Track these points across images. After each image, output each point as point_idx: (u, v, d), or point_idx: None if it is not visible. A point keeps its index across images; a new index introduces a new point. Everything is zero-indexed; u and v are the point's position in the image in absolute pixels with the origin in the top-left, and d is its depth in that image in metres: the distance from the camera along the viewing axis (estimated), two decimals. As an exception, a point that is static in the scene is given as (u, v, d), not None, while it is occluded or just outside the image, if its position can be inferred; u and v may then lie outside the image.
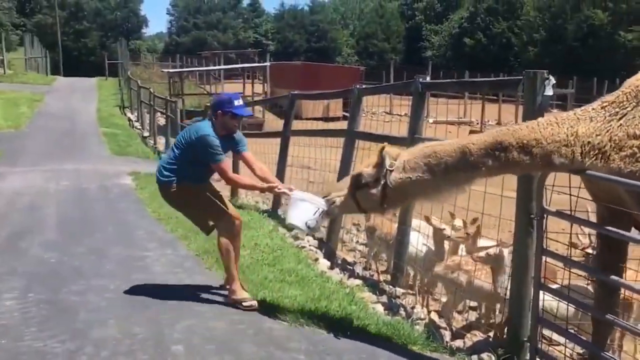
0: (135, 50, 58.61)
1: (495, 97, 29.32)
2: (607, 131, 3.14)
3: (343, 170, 6.79)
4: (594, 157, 3.14)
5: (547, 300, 3.88)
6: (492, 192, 4.60)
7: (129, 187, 10.53)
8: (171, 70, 32.67)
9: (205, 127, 4.50)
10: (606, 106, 3.22)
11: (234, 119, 4.55)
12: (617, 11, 43.14)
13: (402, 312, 4.99)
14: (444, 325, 4.79)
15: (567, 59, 42.74)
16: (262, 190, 4.71)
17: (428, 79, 5.50)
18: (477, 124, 26.77)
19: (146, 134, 20.50)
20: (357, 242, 8.29)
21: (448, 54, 56.55)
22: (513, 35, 50.87)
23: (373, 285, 5.72)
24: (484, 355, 3.97)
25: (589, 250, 4.42)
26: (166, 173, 4.60)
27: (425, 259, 5.43)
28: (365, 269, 6.71)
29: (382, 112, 25.56)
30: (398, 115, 22.38)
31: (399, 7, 69.15)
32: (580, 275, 4.10)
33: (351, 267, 6.52)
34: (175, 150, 4.63)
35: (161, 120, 20.51)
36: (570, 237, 4.05)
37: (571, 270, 3.81)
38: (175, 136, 15.62)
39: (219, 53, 42.90)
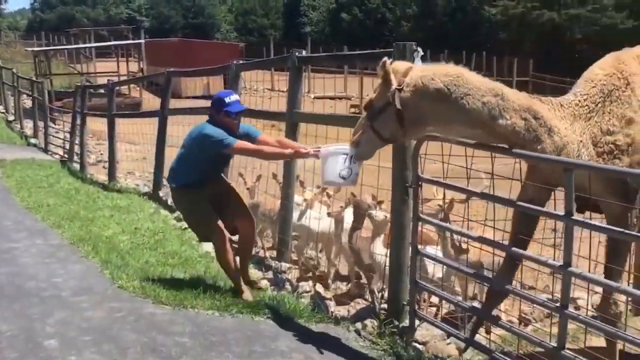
0: (-6, 27, 54.06)
1: (373, 72, 30.07)
2: (588, 129, 3.27)
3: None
4: (584, 154, 3.24)
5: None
6: (369, 163, 4.71)
7: (-7, 176, 9.74)
8: (36, 49, 30.53)
9: (207, 125, 4.45)
10: (584, 104, 3.30)
11: (229, 117, 4.42)
12: (482, -13, 45.51)
13: (288, 286, 5.02)
14: (329, 296, 4.87)
15: (438, 33, 44.63)
16: (289, 156, 4.49)
17: (304, 53, 5.49)
18: (357, 98, 27.35)
19: (11, 117, 19.13)
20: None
21: (326, 30, 57.17)
22: (387, 10, 52.28)
23: (259, 262, 5.70)
24: (367, 321, 4.08)
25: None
26: (173, 175, 4.62)
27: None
28: (251, 246, 6.65)
29: (264, 89, 25.46)
30: (280, 91, 22.37)
31: (276, -17, 68.77)
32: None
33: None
34: (182, 152, 4.61)
35: (27, 103, 19.16)
36: (444, 202, 4.24)
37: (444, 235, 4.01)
38: (45, 119, 14.78)
39: (88, 30, 40.66)
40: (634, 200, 3.28)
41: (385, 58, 3.32)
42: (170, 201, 8.38)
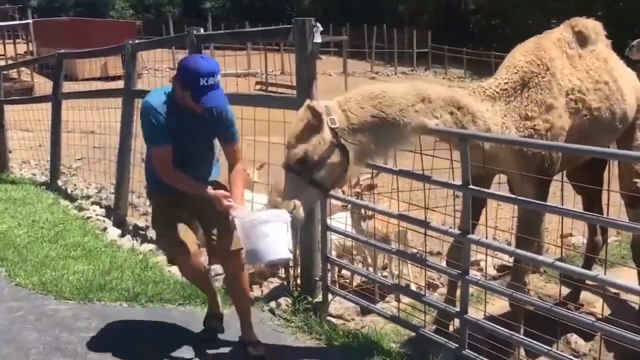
0: None
1: (277, 47, 29.85)
2: (509, 112, 3.36)
3: (124, 132, 6.43)
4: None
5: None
6: (276, 141, 4.68)
7: None
8: None
9: (152, 94, 3.24)
10: (505, 88, 3.39)
11: (195, 102, 3.07)
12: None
13: (199, 270, 4.93)
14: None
15: (339, 7, 44.86)
16: (206, 196, 3.15)
17: (202, 30, 5.34)
18: (262, 74, 27.08)
19: None
20: (149, 204, 7.97)
21: (227, 5, 55.94)
22: (288, -15, 51.90)
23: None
24: (281, 300, 4.09)
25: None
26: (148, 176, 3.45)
27: None
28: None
29: (166, 68, 24.67)
30: (182, 70, 21.73)
31: (172, -43, 66.37)
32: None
33: (144, 232, 6.26)
34: None
35: None
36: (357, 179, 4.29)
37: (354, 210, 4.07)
38: None
39: (-32, 10, 37.57)
40: (545, 190, 3.44)
41: (308, 101, 3.06)
42: (70, 189, 8.02)
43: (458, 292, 3.38)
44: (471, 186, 3.02)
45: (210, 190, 3.20)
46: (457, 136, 3.08)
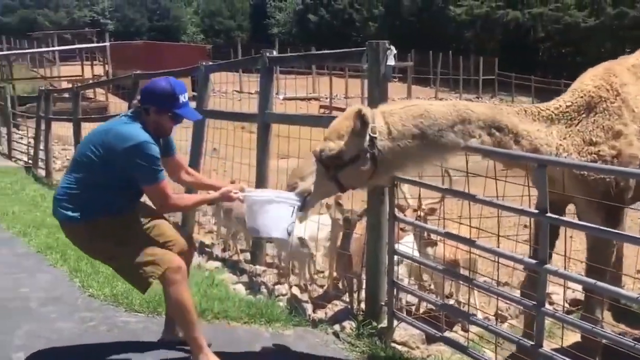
0: (-48, 32, 52.54)
1: (341, 72, 30.11)
2: (570, 135, 3.29)
3: (195, 151, 6.58)
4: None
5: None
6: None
7: (-47, 184, 9.45)
8: (-3, 53, 29.78)
9: (136, 131, 3.07)
10: (566, 110, 3.33)
11: (173, 121, 3.21)
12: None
13: (263, 289, 4.95)
14: (305, 299, 4.82)
15: (405, 33, 44.91)
16: (215, 201, 3.44)
17: (274, 53, 5.44)
18: (327, 98, 27.35)
19: (-28, 124, 18.59)
20: (215, 223, 8.11)
21: (294, 31, 57.05)
22: (354, 11, 52.40)
23: (232, 266, 5.62)
24: (345, 323, 4.05)
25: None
26: (68, 205, 3.13)
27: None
28: (224, 250, 6.58)
29: (233, 91, 25.26)
30: (248, 93, 22.21)
31: (242, -16, 68.39)
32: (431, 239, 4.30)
33: (209, 250, 6.36)
34: (80, 169, 3.15)
35: (-12, 109, 18.65)
36: (420, 202, 4.22)
37: (422, 233, 4.00)
38: (8, 125, 14.41)
39: (51, 33, 39.77)
40: (616, 221, 3.27)
41: (360, 106, 3.13)
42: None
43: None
44: (549, 214, 2.91)
45: (212, 194, 3.38)
46: (535, 162, 2.98)
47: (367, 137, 3.05)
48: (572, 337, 3.76)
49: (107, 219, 3.15)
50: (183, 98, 3.16)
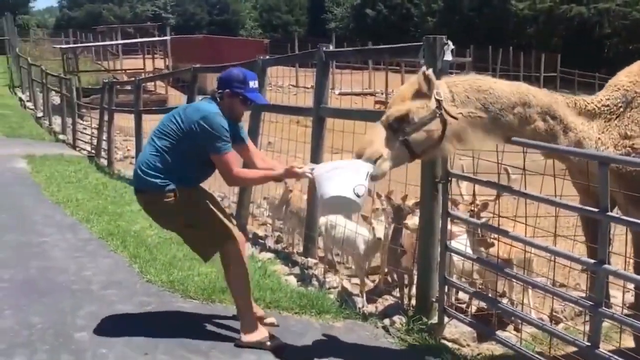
0: (24, 25, 54.85)
1: (397, 68, 29.90)
2: (608, 130, 3.32)
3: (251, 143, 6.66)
4: (603, 152, 3.25)
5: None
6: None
7: (24, 171, 9.91)
8: (64, 46, 31.01)
9: (211, 106, 3.41)
10: (606, 104, 3.35)
11: (244, 105, 3.52)
12: (509, -18, 44.91)
13: (315, 282, 5.00)
14: (356, 292, 4.84)
15: (464, 28, 44.16)
16: (279, 178, 3.57)
17: (330, 47, 5.47)
18: (382, 94, 27.23)
19: (40, 114, 19.43)
20: (269, 215, 8.23)
21: (351, 26, 56.92)
22: (412, 5, 51.89)
23: (285, 258, 5.70)
24: (395, 318, 4.05)
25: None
26: (157, 174, 3.38)
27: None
28: (277, 242, 6.68)
29: (289, 85, 25.47)
30: (304, 87, 22.35)
31: (300, -21, 68.75)
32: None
33: (263, 241, 6.46)
34: (163, 140, 3.42)
35: (56, 100, 19.44)
36: (474, 197, 4.17)
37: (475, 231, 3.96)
38: (73, 115, 14.97)
39: (115, 27, 41.12)
40: None
41: (425, 68, 3.16)
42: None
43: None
44: (610, 213, 2.84)
45: (278, 171, 3.50)
46: (595, 159, 2.92)
47: (434, 98, 3.08)
48: (629, 341, 3.65)
49: (187, 190, 3.44)
50: (253, 84, 3.49)
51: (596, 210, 2.87)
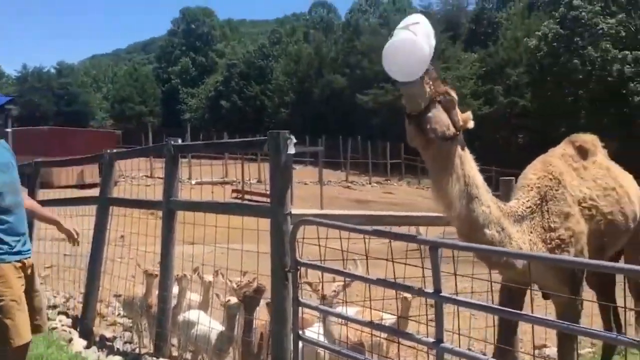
0: None
1: (254, 157, 30.45)
2: (534, 228, 3.55)
3: (98, 238, 6.37)
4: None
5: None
6: (249, 249, 4.70)
7: None
8: None
9: None
10: (528, 205, 3.58)
11: None
12: (353, 76, 48.30)
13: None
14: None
15: (315, 119, 46.40)
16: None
17: (179, 141, 5.50)
18: (239, 182, 27.43)
19: None
20: (119, 314, 7.77)
21: (206, 116, 57.60)
22: (266, 97, 53.83)
23: (135, 359, 5.38)
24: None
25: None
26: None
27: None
28: (127, 342, 6.29)
29: (142, 176, 24.89)
30: (160, 178, 21.89)
31: (153, 71, 68.96)
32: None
33: (111, 343, 6.06)
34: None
35: None
36: (322, 286, 4.27)
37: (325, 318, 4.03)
38: None
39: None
40: (579, 288, 3.63)
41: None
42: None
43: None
44: (443, 294, 3.05)
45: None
46: (428, 244, 3.14)
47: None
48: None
49: None
50: None
51: (432, 292, 3.07)
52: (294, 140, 3.98)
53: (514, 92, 41.48)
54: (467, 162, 3.24)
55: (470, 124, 3.19)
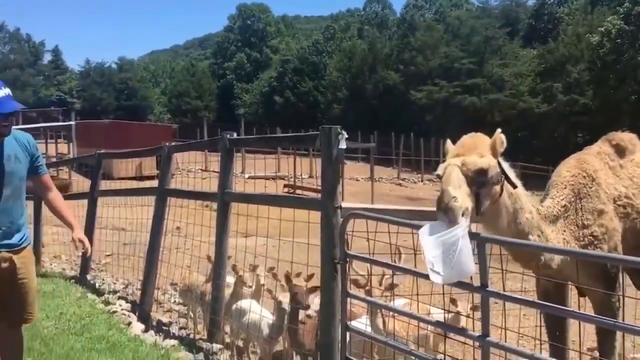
0: None
1: (306, 152, 30.68)
2: (568, 226, 3.63)
3: (155, 229, 6.64)
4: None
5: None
6: (299, 240, 4.82)
7: None
8: (-41, 130, 29.50)
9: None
10: (563, 204, 3.66)
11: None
12: (407, 73, 47.99)
13: (219, 368, 4.94)
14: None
15: (368, 115, 46.33)
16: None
17: (235, 135, 5.67)
18: (291, 177, 27.69)
19: None
20: (175, 301, 8.06)
21: (260, 112, 58.35)
22: (319, 93, 54.05)
23: (189, 344, 5.59)
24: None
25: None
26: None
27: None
28: (182, 328, 6.54)
29: (198, 169, 25.45)
30: (214, 172, 22.33)
31: (209, 66, 70.26)
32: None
33: (167, 328, 6.31)
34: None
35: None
36: (370, 279, 4.35)
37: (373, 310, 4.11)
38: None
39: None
40: (614, 285, 3.65)
41: (499, 130, 3.23)
42: (98, 284, 8.18)
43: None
44: (489, 288, 3.08)
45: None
46: (477, 239, 3.18)
47: (497, 162, 3.13)
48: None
49: None
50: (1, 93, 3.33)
51: (478, 286, 3.11)
52: (345, 135, 4.07)
53: (574, 89, 40.31)
54: (507, 187, 3.26)
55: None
